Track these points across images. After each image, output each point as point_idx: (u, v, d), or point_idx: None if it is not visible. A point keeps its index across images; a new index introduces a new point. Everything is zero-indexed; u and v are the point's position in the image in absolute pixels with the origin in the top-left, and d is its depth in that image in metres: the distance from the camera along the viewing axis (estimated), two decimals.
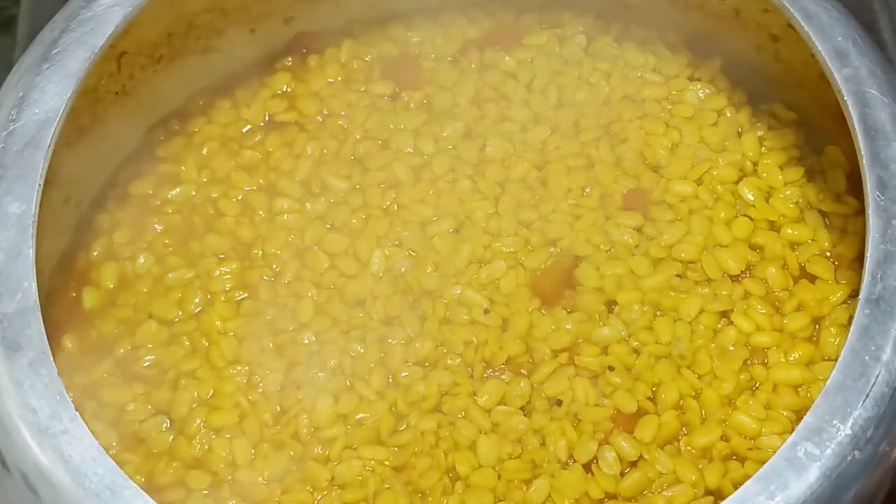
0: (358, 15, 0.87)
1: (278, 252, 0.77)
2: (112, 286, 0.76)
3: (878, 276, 0.62)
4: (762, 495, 0.57)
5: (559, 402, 0.71)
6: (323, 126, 0.83)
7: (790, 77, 0.80)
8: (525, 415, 0.70)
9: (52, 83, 0.68)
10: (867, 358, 0.60)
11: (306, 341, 0.73)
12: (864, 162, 0.65)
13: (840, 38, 0.69)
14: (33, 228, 0.64)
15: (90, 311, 0.75)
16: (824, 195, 0.76)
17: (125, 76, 0.79)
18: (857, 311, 0.61)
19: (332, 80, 0.85)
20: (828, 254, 0.75)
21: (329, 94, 0.84)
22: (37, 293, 0.62)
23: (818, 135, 0.79)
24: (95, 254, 0.78)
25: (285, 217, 0.78)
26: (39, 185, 0.65)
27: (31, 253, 0.63)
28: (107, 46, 0.69)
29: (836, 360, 0.61)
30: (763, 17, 0.80)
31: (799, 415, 0.68)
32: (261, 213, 0.79)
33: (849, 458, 0.58)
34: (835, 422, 0.59)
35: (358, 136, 0.82)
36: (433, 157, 0.80)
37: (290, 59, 0.86)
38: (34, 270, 0.63)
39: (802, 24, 0.70)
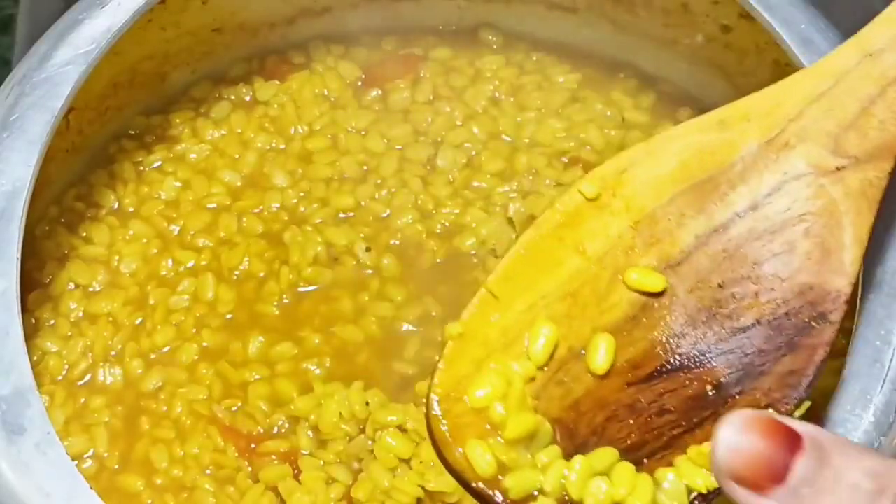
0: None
1: None
2: None
3: (876, 260, 0.62)
4: None
5: None
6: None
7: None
8: None
9: (16, 151, 0.65)
10: (878, 343, 0.60)
11: None
12: None
13: (803, 26, 0.69)
14: (18, 305, 0.61)
15: None
16: None
17: (74, 133, 0.77)
18: (860, 298, 0.61)
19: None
20: None
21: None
22: (31, 371, 0.60)
23: None
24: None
25: None
26: (17, 258, 0.62)
27: (20, 331, 0.60)
28: (66, 108, 0.67)
29: None
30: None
31: None
32: None
33: (876, 445, 0.58)
34: (857, 410, 0.59)
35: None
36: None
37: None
38: (25, 348, 0.60)
39: (763, 13, 0.70)
